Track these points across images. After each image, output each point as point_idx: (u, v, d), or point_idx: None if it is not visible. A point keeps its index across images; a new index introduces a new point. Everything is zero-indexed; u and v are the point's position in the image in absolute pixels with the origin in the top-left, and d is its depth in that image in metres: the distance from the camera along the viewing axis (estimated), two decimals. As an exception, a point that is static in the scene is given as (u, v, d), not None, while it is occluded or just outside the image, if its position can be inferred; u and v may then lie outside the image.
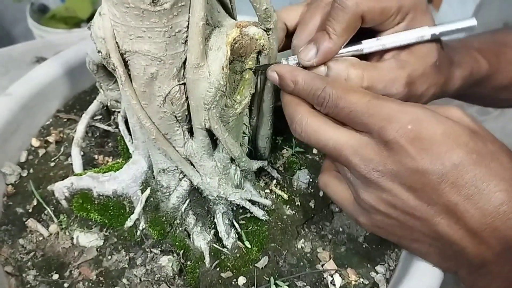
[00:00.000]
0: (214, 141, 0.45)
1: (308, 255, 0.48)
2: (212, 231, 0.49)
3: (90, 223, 0.50)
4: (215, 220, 0.48)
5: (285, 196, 0.52)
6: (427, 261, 0.40)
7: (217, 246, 0.48)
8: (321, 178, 0.42)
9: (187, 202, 0.49)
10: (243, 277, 0.46)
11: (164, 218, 0.49)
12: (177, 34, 0.36)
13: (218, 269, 0.47)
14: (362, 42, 0.42)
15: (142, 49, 0.36)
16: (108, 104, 0.57)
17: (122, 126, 0.54)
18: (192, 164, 0.46)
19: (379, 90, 0.40)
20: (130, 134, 0.51)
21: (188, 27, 0.36)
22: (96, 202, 0.49)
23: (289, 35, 0.46)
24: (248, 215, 0.50)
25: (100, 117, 0.61)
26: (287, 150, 0.56)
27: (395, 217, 0.36)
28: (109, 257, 0.48)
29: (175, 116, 0.41)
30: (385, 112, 0.34)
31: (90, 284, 0.46)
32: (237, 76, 0.41)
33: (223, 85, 0.38)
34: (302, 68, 0.41)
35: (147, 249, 0.49)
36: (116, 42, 0.37)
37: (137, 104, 0.40)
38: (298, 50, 0.42)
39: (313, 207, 0.51)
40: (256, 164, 0.50)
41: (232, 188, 0.47)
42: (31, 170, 0.55)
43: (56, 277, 0.47)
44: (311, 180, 0.53)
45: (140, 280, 0.47)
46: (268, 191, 0.53)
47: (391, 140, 0.33)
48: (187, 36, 0.36)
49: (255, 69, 0.41)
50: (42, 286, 0.46)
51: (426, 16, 0.43)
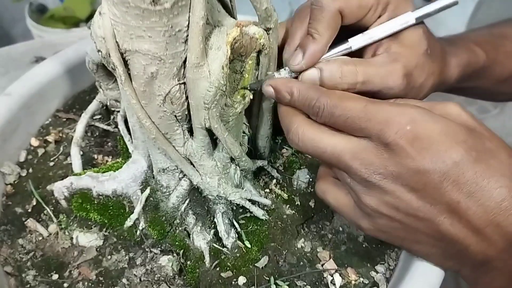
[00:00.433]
0: (214, 141, 0.45)
1: (308, 255, 0.48)
2: (212, 231, 0.49)
3: (90, 223, 0.50)
4: (215, 220, 0.48)
5: (285, 196, 0.52)
6: (429, 262, 0.40)
7: (217, 246, 0.48)
8: (318, 186, 0.42)
9: (187, 202, 0.49)
10: (243, 277, 0.46)
11: (164, 218, 0.49)
12: (177, 34, 0.36)
13: (218, 269, 0.47)
14: (349, 40, 0.42)
15: (142, 49, 0.36)
16: (108, 104, 0.57)
17: (122, 126, 0.54)
18: (192, 164, 0.46)
19: (376, 84, 0.40)
20: (130, 134, 0.51)
21: (189, 27, 0.36)
22: (96, 202, 0.49)
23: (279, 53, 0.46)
24: (248, 215, 0.50)
25: (100, 117, 0.61)
26: (287, 150, 0.56)
27: (398, 219, 0.36)
28: (109, 257, 0.48)
29: (175, 116, 0.41)
30: (383, 115, 0.34)
31: (90, 284, 0.46)
32: (237, 76, 0.41)
33: (223, 85, 0.38)
34: (296, 79, 0.41)
35: (147, 249, 0.49)
36: (116, 42, 0.37)
37: (137, 104, 0.40)
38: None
39: (313, 207, 0.51)
40: (256, 164, 0.50)
41: (232, 188, 0.47)
42: (31, 170, 0.55)
43: (56, 277, 0.47)
44: (311, 180, 0.53)
45: (140, 280, 0.47)
46: (268, 191, 0.52)
47: (391, 142, 0.33)
48: (187, 36, 0.36)
49: (251, 88, 0.42)
50: (42, 286, 0.46)
51: (407, 3, 0.43)
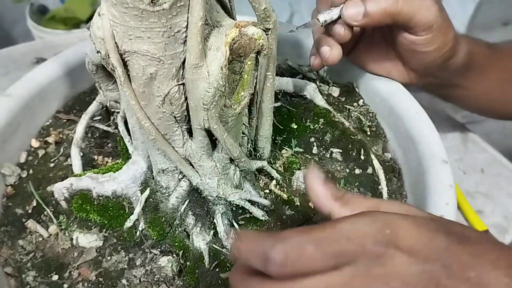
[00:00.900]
0: (214, 142, 0.45)
1: (308, 255, 0.48)
2: (212, 232, 0.49)
3: (90, 224, 0.50)
4: (215, 221, 0.48)
5: (285, 196, 0.52)
6: None
7: (217, 247, 0.48)
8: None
9: (187, 203, 0.49)
10: (243, 278, 0.46)
11: (164, 219, 0.49)
12: (176, 34, 0.36)
13: (218, 270, 0.47)
14: None
15: (141, 49, 0.36)
16: (108, 105, 0.57)
17: (122, 127, 0.54)
18: (192, 165, 0.46)
19: (416, 18, 0.47)
20: (130, 135, 0.51)
21: (187, 27, 0.36)
22: (96, 203, 0.49)
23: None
24: (248, 216, 0.50)
25: (100, 118, 0.61)
26: (287, 150, 0.56)
27: None
28: (109, 258, 0.48)
29: (174, 117, 0.42)
30: (360, 230, 0.29)
31: (90, 285, 0.46)
32: (236, 76, 0.41)
33: (222, 85, 0.38)
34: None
35: (147, 250, 0.49)
36: (115, 42, 0.37)
37: (136, 105, 0.40)
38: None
39: (313, 207, 0.51)
40: (256, 164, 0.50)
41: (232, 189, 0.47)
42: (31, 171, 0.55)
43: (56, 278, 0.47)
44: (311, 180, 0.53)
45: (140, 281, 0.47)
46: (268, 191, 0.52)
47: (379, 254, 0.28)
48: (186, 36, 0.36)
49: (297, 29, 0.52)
50: (42, 287, 0.46)
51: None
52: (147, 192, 0.49)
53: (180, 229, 0.49)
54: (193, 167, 0.46)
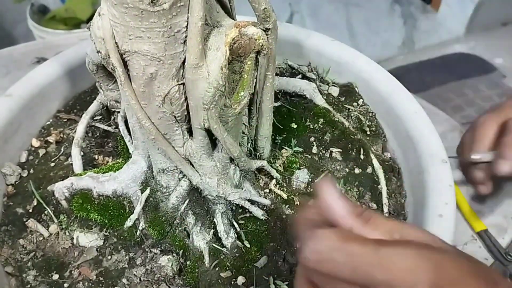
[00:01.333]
0: (214, 141, 0.45)
1: (308, 255, 0.48)
2: (212, 231, 0.49)
3: (90, 223, 0.50)
4: (215, 220, 0.48)
5: (284, 196, 0.52)
6: None
7: (217, 246, 0.48)
8: None
9: (187, 202, 0.49)
10: (242, 277, 0.47)
11: (164, 218, 0.49)
12: (176, 34, 0.36)
13: (218, 269, 0.47)
14: None
15: (141, 49, 0.36)
16: (108, 104, 0.57)
17: (122, 126, 0.54)
18: (192, 164, 0.46)
19: None
20: (130, 134, 0.51)
21: (187, 27, 0.36)
22: (96, 202, 0.49)
23: None
24: (248, 215, 0.50)
25: (100, 117, 0.61)
26: (287, 150, 0.56)
27: None
28: (109, 257, 0.48)
29: (175, 116, 0.42)
30: (402, 262, 0.27)
31: (90, 284, 0.46)
32: (236, 76, 0.41)
33: (222, 85, 0.38)
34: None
35: (147, 249, 0.49)
36: (116, 42, 0.37)
37: (137, 104, 0.41)
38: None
39: (313, 207, 0.52)
40: (256, 164, 0.50)
41: (232, 188, 0.47)
42: (31, 171, 0.56)
43: (56, 277, 0.47)
44: (310, 180, 0.53)
45: (140, 280, 0.47)
46: (268, 191, 0.53)
47: None
48: (186, 36, 0.36)
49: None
50: (42, 286, 0.46)
51: None
52: (148, 192, 0.49)
53: (180, 229, 0.49)
54: (193, 167, 0.46)
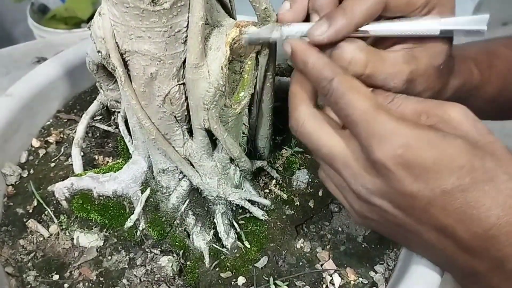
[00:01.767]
0: (214, 141, 0.45)
1: (308, 255, 0.48)
2: (212, 231, 0.49)
3: (90, 224, 0.50)
4: (215, 220, 0.48)
5: (285, 196, 0.52)
6: (425, 258, 0.40)
7: (217, 246, 0.48)
8: (320, 173, 0.41)
9: (187, 202, 0.49)
10: (243, 277, 0.46)
11: (164, 218, 0.49)
12: (177, 34, 0.36)
13: (218, 269, 0.47)
14: (369, 23, 0.39)
15: (142, 49, 0.36)
16: (108, 104, 0.57)
17: (122, 126, 0.54)
18: (192, 164, 0.46)
19: (379, 81, 0.39)
20: (130, 134, 0.51)
21: (188, 27, 0.36)
22: (96, 203, 0.49)
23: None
24: (248, 215, 0.50)
25: (100, 118, 0.61)
26: (287, 150, 0.56)
27: (388, 226, 0.36)
28: (109, 258, 0.48)
29: (175, 116, 0.42)
30: (378, 129, 0.32)
31: (90, 285, 0.46)
32: (237, 76, 0.41)
33: (223, 85, 0.38)
34: (317, 49, 0.37)
35: (147, 250, 0.49)
36: (116, 42, 0.37)
37: (137, 104, 0.40)
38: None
39: (312, 207, 0.52)
40: (256, 164, 0.50)
41: (232, 188, 0.47)
42: (32, 171, 0.55)
43: (57, 278, 0.47)
44: (310, 180, 0.53)
45: (140, 280, 0.47)
46: (268, 191, 0.53)
47: (378, 161, 0.32)
48: (187, 36, 0.36)
49: (250, 39, 0.39)
50: (43, 287, 0.46)
51: (452, 13, 0.41)
52: (148, 192, 0.49)
53: (181, 229, 0.49)
54: (193, 167, 0.46)
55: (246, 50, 0.39)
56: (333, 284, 0.46)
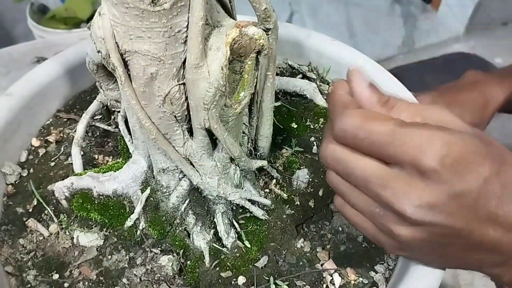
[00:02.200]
0: (214, 141, 0.45)
1: (308, 255, 0.48)
2: (212, 231, 0.49)
3: (90, 223, 0.50)
4: (215, 220, 0.49)
5: (285, 196, 0.52)
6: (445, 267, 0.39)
7: (217, 246, 0.48)
8: (337, 199, 0.39)
9: (187, 202, 0.49)
10: (243, 277, 0.47)
11: (164, 218, 0.49)
12: (177, 34, 0.36)
13: (218, 269, 0.47)
14: None
15: (142, 49, 0.36)
16: (108, 104, 0.57)
17: (122, 126, 0.54)
18: (192, 164, 0.46)
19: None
20: (130, 134, 0.51)
21: (188, 27, 0.36)
22: (96, 202, 0.49)
23: None
24: (248, 215, 0.50)
25: (100, 117, 0.61)
26: (287, 150, 0.56)
27: (431, 246, 0.34)
28: (109, 257, 0.48)
29: (175, 116, 0.42)
30: (414, 141, 0.31)
31: (90, 284, 0.46)
32: (237, 76, 0.41)
33: (223, 85, 0.38)
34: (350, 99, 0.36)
35: (147, 249, 0.49)
36: (116, 42, 0.37)
37: (137, 104, 0.40)
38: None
39: (313, 207, 0.52)
40: (256, 164, 0.50)
41: (232, 188, 0.47)
42: (31, 170, 0.56)
43: (56, 277, 0.47)
44: (311, 180, 0.53)
45: (140, 280, 0.47)
46: (268, 191, 0.53)
47: (429, 169, 0.31)
48: (187, 36, 0.36)
49: None
50: (42, 286, 0.46)
51: None
52: (148, 191, 0.49)
53: (181, 228, 0.49)
54: (194, 167, 0.46)
55: (246, 50, 0.39)
56: (333, 284, 0.46)
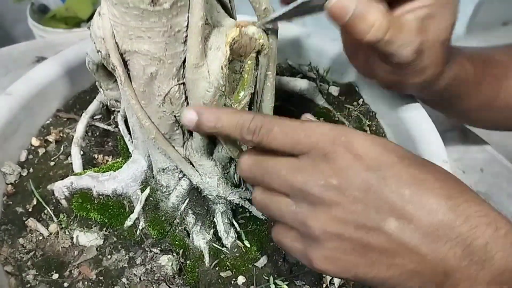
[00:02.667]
0: (214, 141, 0.45)
1: (307, 255, 0.48)
2: (212, 231, 0.49)
3: (90, 223, 0.50)
4: (215, 220, 0.49)
5: (285, 196, 0.52)
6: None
7: (217, 246, 0.48)
8: (274, 229, 0.38)
9: (187, 202, 0.49)
10: (243, 277, 0.47)
11: (164, 218, 0.49)
12: (177, 34, 0.36)
13: (218, 269, 0.47)
14: None
15: (142, 49, 0.36)
16: (108, 104, 0.57)
17: (122, 126, 0.54)
18: (192, 164, 0.46)
19: (393, 49, 0.40)
20: (130, 134, 0.51)
21: (188, 27, 0.36)
22: (96, 202, 0.49)
23: None
24: (248, 215, 0.50)
25: (100, 117, 0.61)
26: (287, 150, 0.56)
27: (348, 237, 0.33)
28: (109, 257, 0.48)
29: (175, 116, 0.42)
30: (319, 130, 0.34)
31: (90, 284, 0.46)
32: (237, 76, 0.41)
33: (223, 85, 0.38)
34: (221, 109, 0.39)
35: (147, 249, 0.49)
36: (116, 42, 0.37)
37: (137, 104, 0.41)
38: None
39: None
40: (256, 164, 0.50)
41: (232, 188, 0.47)
42: (31, 170, 0.56)
43: (56, 277, 0.47)
44: (311, 180, 0.53)
45: (140, 280, 0.47)
46: (268, 191, 0.53)
47: (330, 151, 0.33)
48: (187, 36, 0.36)
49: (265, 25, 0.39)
50: (42, 286, 0.46)
51: None
52: (147, 191, 0.49)
53: (180, 228, 0.49)
54: (193, 166, 0.46)
55: (246, 50, 0.39)
56: (333, 284, 0.46)
